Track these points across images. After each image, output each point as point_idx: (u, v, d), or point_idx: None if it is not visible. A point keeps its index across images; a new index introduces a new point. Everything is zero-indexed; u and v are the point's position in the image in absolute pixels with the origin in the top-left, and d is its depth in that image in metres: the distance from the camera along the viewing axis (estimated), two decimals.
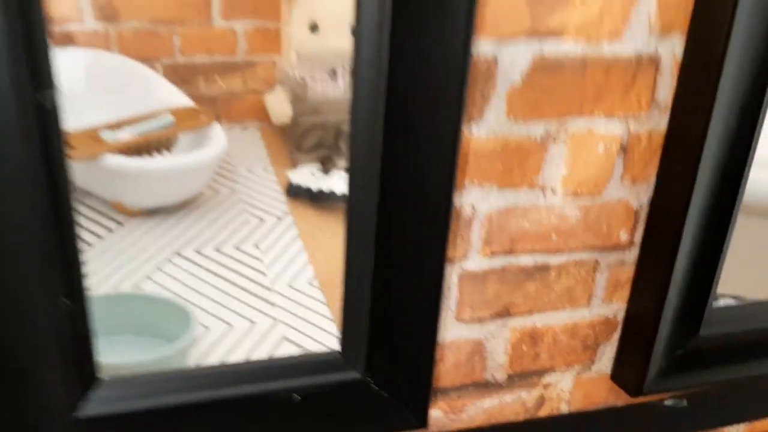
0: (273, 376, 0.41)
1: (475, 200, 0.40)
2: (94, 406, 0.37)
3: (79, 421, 0.37)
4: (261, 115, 0.64)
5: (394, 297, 0.39)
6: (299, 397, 0.41)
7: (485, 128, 0.38)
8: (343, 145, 0.59)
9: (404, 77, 0.34)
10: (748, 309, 0.52)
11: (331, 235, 0.59)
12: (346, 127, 0.54)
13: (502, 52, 0.37)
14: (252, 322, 0.50)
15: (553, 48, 0.37)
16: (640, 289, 0.46)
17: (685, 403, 0.52)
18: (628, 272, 0.46)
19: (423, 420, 0.43)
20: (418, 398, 0.42)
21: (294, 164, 0.63)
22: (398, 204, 0.37)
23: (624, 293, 0.46)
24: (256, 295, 0.55)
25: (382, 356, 0.41)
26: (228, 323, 0.49)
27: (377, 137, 0.35)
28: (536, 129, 0.39)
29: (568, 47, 0.38)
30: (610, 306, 0.47)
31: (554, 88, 0.38)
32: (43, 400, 0.36)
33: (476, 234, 0.41)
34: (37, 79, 0.30)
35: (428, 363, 0.41)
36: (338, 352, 0.42)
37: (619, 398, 0.50)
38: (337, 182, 0.62)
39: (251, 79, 0.63)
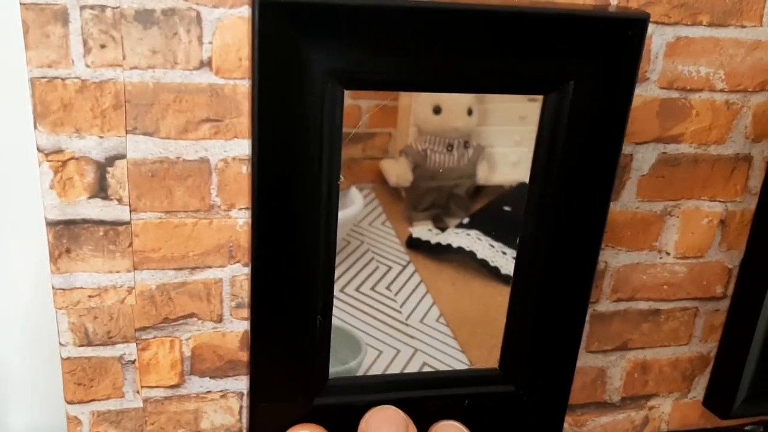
0: (448, 384, 0.54)
1: (608, 258, 0.53)
2: (325, 398, 0.51)
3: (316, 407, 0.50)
4: (375, 177, 0.76)
5: (547, 330, 0.52)
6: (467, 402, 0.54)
7: (620, 205, 0.52)
8: (454, 207, 0.72)
9: (571, 167, 0.47)
10: None
11: (450, 282, 0.70)
12: (457, 191, 0.67)
13: (637, 151, 0.50)
14: (397, 350, 0.62)
15: (674, 149, 0.51)
16: (731, 332, 0.58)
17: (761, 429, 0.63)
18: (720, 318, 0.58)
19: (558, 429, 0.56)
20: (557, 411, 0.55)
21: (409, 221, 0.75)
22: (558, 261, 0.50)
23: (717, 335, 0.59)
24: (396, 329, 0.66)
25: (532, 376, 0.54)
26: (378, 350, 0.62)
27: (548, 211, 0.48)
28: (657, 206, 0.53)
29: (684, 148, 0.51)
30: (705, 345, 0.59)
31: (672, 177, 0.52)
32: (294, 390, 0.50)
33: (607, 284, 0.54)
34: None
35: (567, 384, 0.53)
36: (497, 369, 0.55)
37: (709, 421, 0.62)
38: (453, 237, 0.74)
39: (370, 147, 0.75)
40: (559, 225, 0.49)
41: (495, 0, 0.47)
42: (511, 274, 0.57)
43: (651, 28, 0.47)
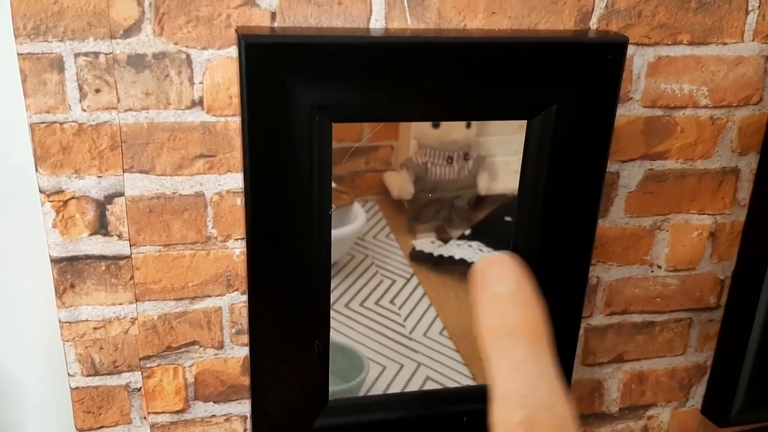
0: (449, 401, 0.55)
1: (600, 273, 0.54)
2: (326, 419, 0.52)
3: (317, 428, 0.52)
4: (378, 189, 0.76)
5: None
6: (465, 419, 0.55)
7: (609, 221, 0.53)
8: (456, 218, 0.72)
9: (557, 186, 0.48)
10: None
11: (453, 294, 0.71)
12: (458, 202, 0.68)
13: (624, 168, 0.51)
14: (401, 364, 0.63)
15: (660, 165, 0.52)
16: (726, 341, 0.59)
17: None
18: (715, 328, 0.59)
19: None
20: None
21: (412, 233, 0.75)
22: (549, 277, 0.51)
23: (712, 344, 0.59)
24: (400, 343, 0.67)
25: None
26: (382, 365, 0.63)
27: (536, 230, 0.49)
28: (646, 221, 0.53)
29: (670, 164, 0.52)
30: (701, 354, 0.60)
31: (660, 192, 0.53)
32: (294, 413, 0.51)
33: (600, 298, 0.55)
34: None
35: None
36: None
37: (708, 429, 0.62)
38: (455, 249, 0.75)
39: (373, 160, 0.76)
40: (548, 243, 0.50)
41: (476, 31, 0.48)
42: None
43: (631, 49, 0.48)
